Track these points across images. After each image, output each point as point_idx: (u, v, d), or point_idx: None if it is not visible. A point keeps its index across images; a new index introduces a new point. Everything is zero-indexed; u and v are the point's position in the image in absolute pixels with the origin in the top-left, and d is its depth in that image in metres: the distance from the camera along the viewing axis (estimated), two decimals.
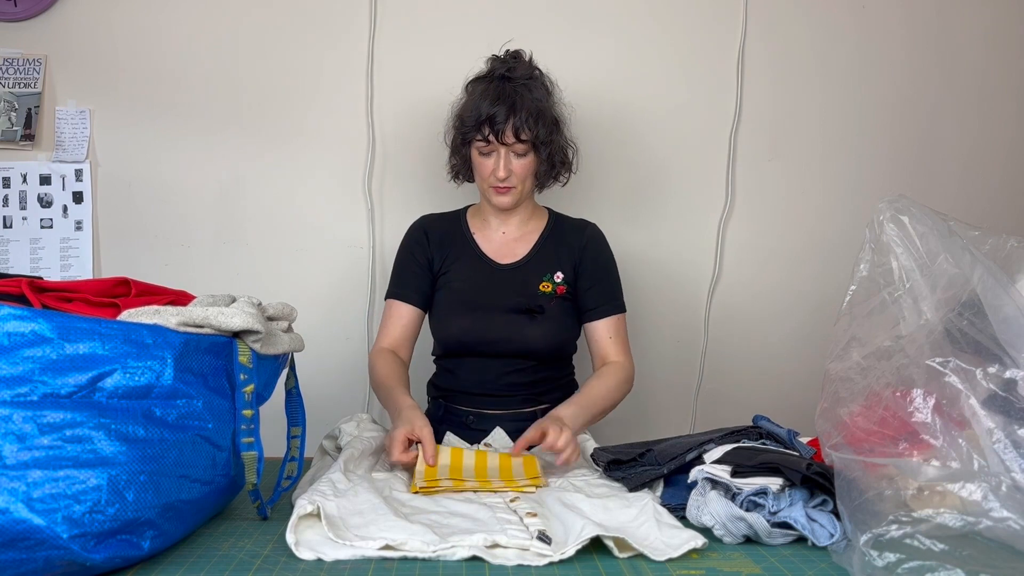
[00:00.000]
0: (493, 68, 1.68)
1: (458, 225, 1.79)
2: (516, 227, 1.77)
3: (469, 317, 1.68)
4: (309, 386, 1.44)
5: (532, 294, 1.70)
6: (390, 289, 1.76)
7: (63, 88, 2.03)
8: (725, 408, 2.20)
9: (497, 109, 1.60)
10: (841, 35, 2.19)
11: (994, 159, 2.27)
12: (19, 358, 0.92)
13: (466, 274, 1.72)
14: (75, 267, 2.06)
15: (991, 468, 1.00)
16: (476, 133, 1.64)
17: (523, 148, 1.64)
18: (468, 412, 1.69)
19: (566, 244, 1.75)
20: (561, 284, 1.71)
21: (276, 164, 2.08)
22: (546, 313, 1.68)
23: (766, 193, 2.20)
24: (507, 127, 1.61)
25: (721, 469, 1.16)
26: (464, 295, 1.70)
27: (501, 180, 1.65)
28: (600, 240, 1.78)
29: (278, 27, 2.06)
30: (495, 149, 1.65)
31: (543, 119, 1.65)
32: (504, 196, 1.68)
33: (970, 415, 1.03)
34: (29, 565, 0.87)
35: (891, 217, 1.15)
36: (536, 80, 1.68)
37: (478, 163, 1.68)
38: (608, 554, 1.04)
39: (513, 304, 1.68)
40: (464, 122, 1.66)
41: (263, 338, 1.14)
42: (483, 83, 1.67)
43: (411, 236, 1.79)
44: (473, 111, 1.64)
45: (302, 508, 1.06)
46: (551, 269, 1.72)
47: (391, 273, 1.79)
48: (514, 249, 1.76)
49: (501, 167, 1.64)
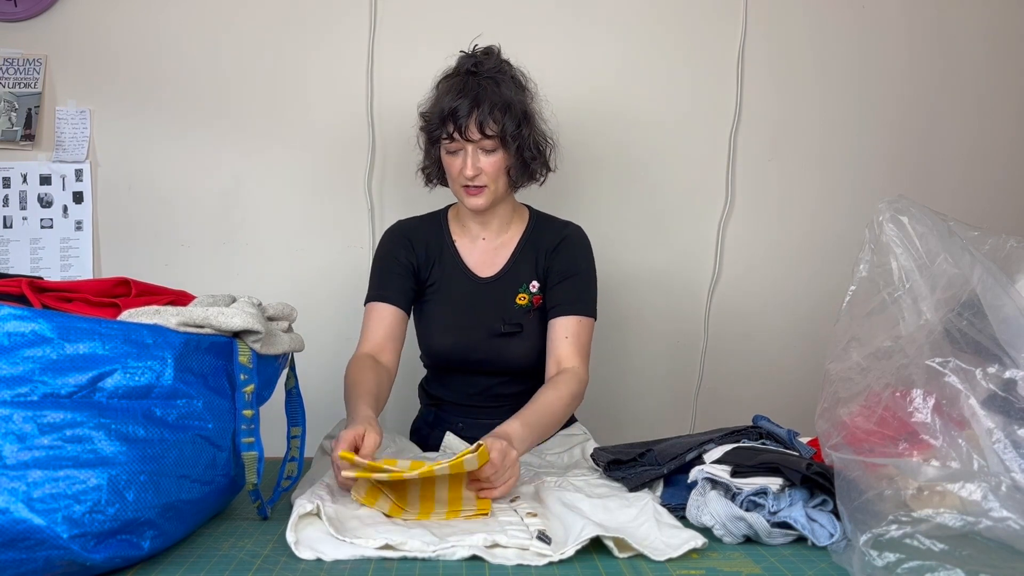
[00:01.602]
0: (461, 64, 1.60)
1: (439, 230, 1.71)
2: (496, 232, 1.69)
3: (451, 336, 1.64)
4: (309, 386, 1.44)
5: (510, 310, 1.63)
6: (369, 293, 1.67)
7: (63, 88, 2.03)
8: (725, 408, 2.20)
9: (459, 103, 1.52)
10: (841, 35, 2.19)
11: (995, 158, 2.27)
12: (19, 358, 0.92)
13: (450, 289, 1.66)
14: (75, 267, 2.06)
15: (991, 468, 1.00)
16: (441, 130, 1.56)
17: (491, 144, 1.55)
18: (458, 420, 1.69)
19: (542, 248, 1.67)
20: (537, 294, 1.65)
21: (276, 164, 2.08)
22: (524, 330, 1.62)
23: (766, 193, 2.20)
24: (470, 121, 1.52)
25: (721, 469, 1.16)
26: (447, 314, 1.65)
27: (470, 179, 1.57)
28: (576, 242, 1.68)
29: (278, 27, 2.06)
30: (462, 147, 1.56)
31: (510, 112, 1.55)
32: (476, 197, 1.59)
33: (970, 415, 1.03)
34: (29, 565, 0.87)
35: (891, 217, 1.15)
36: (504, 74, 1.59)
37: (447, 163, 1.60)
38: (608, 554, 1.04)
39: (492, 327, 1.62)
40: (429, 120, 1.59)
41: (263, 338, 1.14)
42: (450, 79, 1.59)
43: (391, 242, 1.70)
44: (437, 107, 1.57)
45: (302, 507, 1.06)
46: (527, 279, 1.65)
47: (369, 279, 1.70)
48: (494, 259, 1.68)
49: (468, 165, 1.55)
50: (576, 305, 1.62)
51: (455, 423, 1.69)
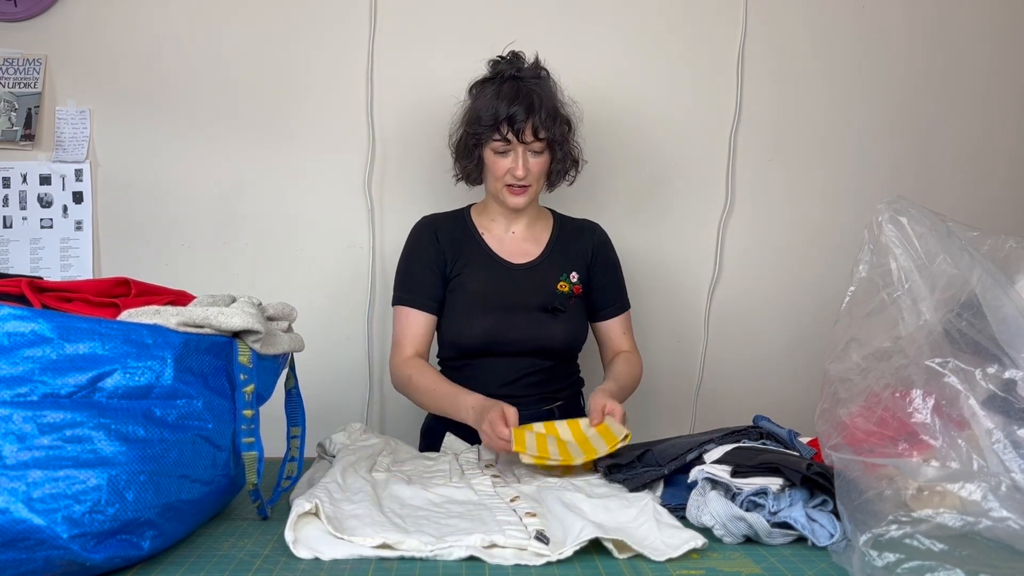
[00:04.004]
0: (500, 69, 1.69)
1: (464, 225, 1.78)
2: (525, 227, 1.79)
3: (491, 317, 1.68)
4: (309, 386, 1.44)
5: (552, 293, 1.72)
6: (401, 295, 1.72)
7: (63, 88, 2.03)
8: (725, 408, 2.20)
9: (516, 109, 1.62)
10: (841, 35, 2.19)
11: (996, 158, 2.27)
12: (19, 358, 0.92)
13: (481, 275, 1.72)
14: (75, 267, 2.06)
15: (991, 468, 1.00)
16: (494, 133, 1.64)
17: (540, 146, 1.67)
18: None
19: (577, 245, 1.79)
20: (577, 284, 1.75)
21: (276, 164, 2.08)
22: (567, 312, 1.71)
23: (766, 193, 2.20)
24: (527, 126, 1.63)
25: (721, 469, 1.16)
26: (483, 296, 1.70)
27: (519, 179, 1.66)
28: (609, 240, 1.84)
29: (278, 27, 2.06)
30: (512, 148, 1.65)
31: (560, 118, 1.68)
32: (520, 196, 1.70)
33: (969, 415, 1.03)
34: (29, 565, 0.87)
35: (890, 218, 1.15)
36: (544, 80, 1.69)
37: (492, 163, 1.68)
38: (608, 554, 1.04)
39: (536, 303, 1.70)
40: (480, 122, 1.65)
41: (263, 338, 1.14)
42: (493, 84, 1.67)
43: (420, 236, 1.76)
44: (490, 111, 1.64)
45: (300, 507, 1.06)
46: (566, 269, 1.75)
47: (398, 276, 1.75)
48: (526, 249, 1.77)
49: (520, 166, 1.65)
50: (624, 301, 1.83)
51: None
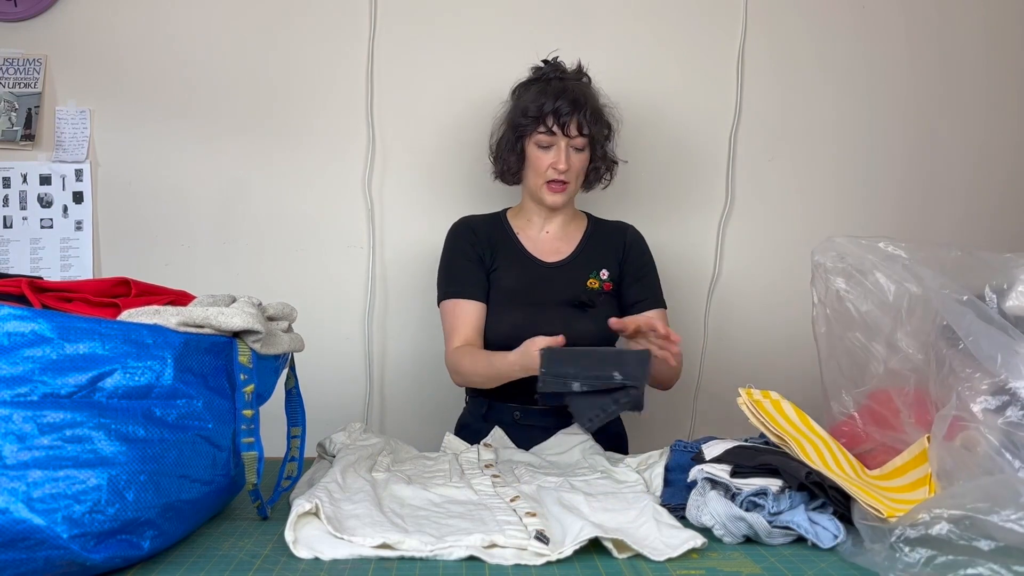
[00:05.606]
0: (544, 72, 1.75)
1: (500, 226, 1.82)
2: (559, 227, 1.82)
3: (521, 312, 1.70)
4: (309, 386, 1.44)
5: (581, 289, 1.74)
6: (449, 290, 1.75)
7: (63, 88, 2.03)
8: (725, 408, 2.20)
9: (562, 103, 1.66)
10: (841, 35, 2.19)
11: (997, 157, 2.27)
12: (19, 358, 0.92)
13: (513, 272, 1.75)
14: (75, 267, 2.06)
15: (991, 469, 1.00)
16: (539, 125, 1.68)
17: (582, 143, 1.71)
18: (515, 408, 1.70)
19: (609, 243, 1.81)
20: (607, 281, 1.77)
21: (276, 164, 2.08)
22: (596, 307, 1.72)
23: (766, 193, 2.20)
24: (572, 120, 1.67)
25: (721, 469, 1.16)
26: (514, 292, 1.73)
27: (561, 172, 1.69)
28: (642, 240, 1.86)
29: (278, 27, 2.06)
30: (555, 142, 1.69)
31: (602, 119, 1.74)
32: (558, 194, 1.72)
33: (969, 416, 1.04)
34: (29, 565, 0.87)
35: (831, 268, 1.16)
36: (591, 84, 1.77)
37: (535, 157, 1.72)
38: (608, 554, 1.04)
39: (565, 298, 1.72)
40: (527, 113, 1.69)
41: (263, 338, 1.14)
42: (538, 84, 1.73)
43: (459, 235, 1.80)
44: (536, 103, 1.68)
45: (300, 507, 1.06)
46: (597, 266, 1.77)
47: (441, 274, 1.78)
48: (558, 248, 1.80)
49: (562, 159, 1.68)
50: (658, 299, 1.81)
51: (511, 412, 1.70)
